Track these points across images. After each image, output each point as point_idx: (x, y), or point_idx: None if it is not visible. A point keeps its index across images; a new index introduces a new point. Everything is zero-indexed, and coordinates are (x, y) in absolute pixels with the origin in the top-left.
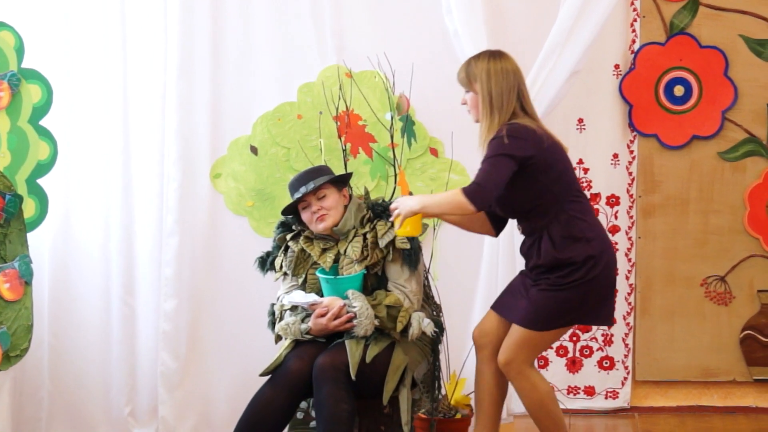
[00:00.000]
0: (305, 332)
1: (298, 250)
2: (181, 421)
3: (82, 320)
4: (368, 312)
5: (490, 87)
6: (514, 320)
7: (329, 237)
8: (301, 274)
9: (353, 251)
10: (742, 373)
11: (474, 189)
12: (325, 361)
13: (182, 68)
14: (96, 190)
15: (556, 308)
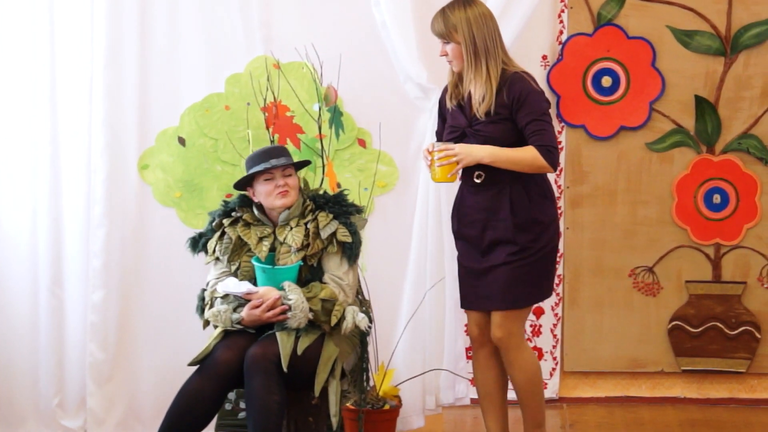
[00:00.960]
0: (236, 322)
1: (235, 236)
2: (109, 413)
3: (10, 311)
4: (303, 305)
5: (473, 34)
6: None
7: (267, 224)
8: (236, 262)
9: (294, 239)
10: (670, 364)
11: (552, 152)
12: (257, 352)
13: (109, 57)
14: (23, 181)
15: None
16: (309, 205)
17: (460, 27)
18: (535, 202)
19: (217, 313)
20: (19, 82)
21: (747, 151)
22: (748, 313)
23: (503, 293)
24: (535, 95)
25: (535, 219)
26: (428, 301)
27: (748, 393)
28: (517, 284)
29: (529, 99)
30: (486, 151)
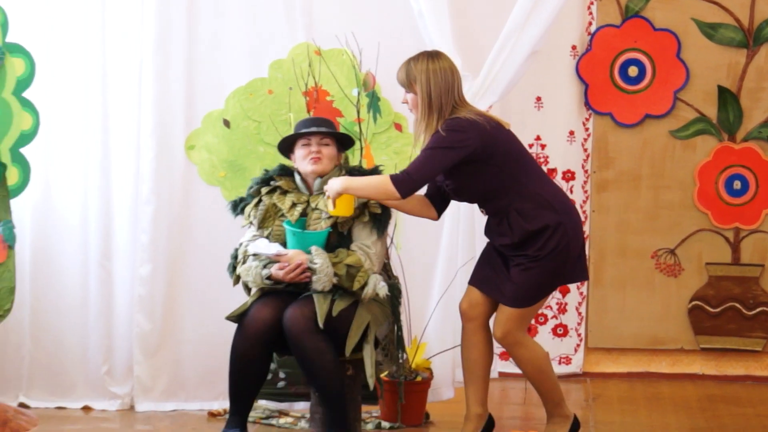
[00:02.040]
0: (266, 277)
1: (269, 203)
2: (155, 381)
3: (62, 283)
4: (328, 270)
5: (429, 88)
6: (503, 302)
7: (304, 192)
8: (268, 228)
9: (326, 205)
10: (690, 342)
11: (404, 178)
12: (294, 313)
13: (158, 43)
14: (76, 159)
15: (540, 282)
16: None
17: (419, 79)
18: (531, 218)
19: (249, 268)
20: (73, 68)
21: (765, 139)
22: (765, 295)
23: (514, 292)
24: (435, 135)
25: (535, 231)
26: (459, 279)
27: (764, 371)
28: (525, 287)
29: (432, 138)
30: (339, 182)
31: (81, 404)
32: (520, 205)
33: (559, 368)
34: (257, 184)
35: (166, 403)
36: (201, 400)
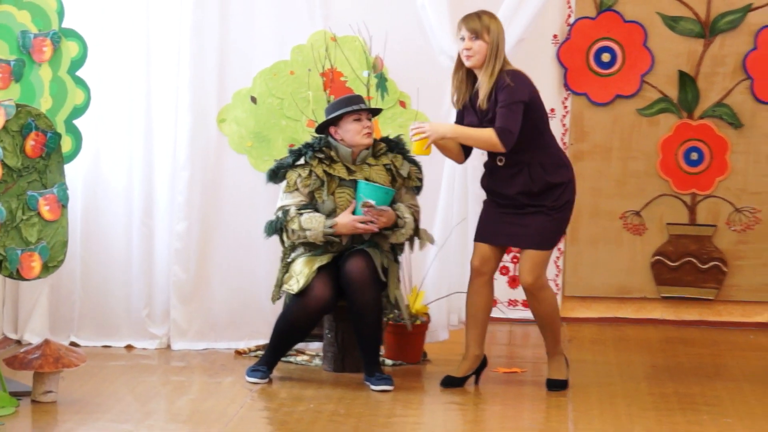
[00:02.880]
0: (329, 227)
1: (323, 173)
2: (189, 324)
3: (109, 238)
4: (411, 223)
5: (497, 39)
6: (529, 247)
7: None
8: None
9: (378, 176)
10: (652, 291)
11: (506, 133)
12: (359, 265)
13: (194, 30)
14: (122, 131)
15: (558, 227)
16: (381, 146)
17: (491, 30)
18: (550, 172)
19: (311, 218)
20: (120, 51)
21: (720, 117)
22: (718, 251)
23: (537, 236)
24: (510, 89)
25: (553, 184)
26: (454, 235)
27: (715, 316)
28: (547, 232)
29: (505, 90)
30: (449, 128)
31: (124, 343)
32: (542, 159)
33: None
34: (308, 153)
35: (198, 342)
36: (228, 340)
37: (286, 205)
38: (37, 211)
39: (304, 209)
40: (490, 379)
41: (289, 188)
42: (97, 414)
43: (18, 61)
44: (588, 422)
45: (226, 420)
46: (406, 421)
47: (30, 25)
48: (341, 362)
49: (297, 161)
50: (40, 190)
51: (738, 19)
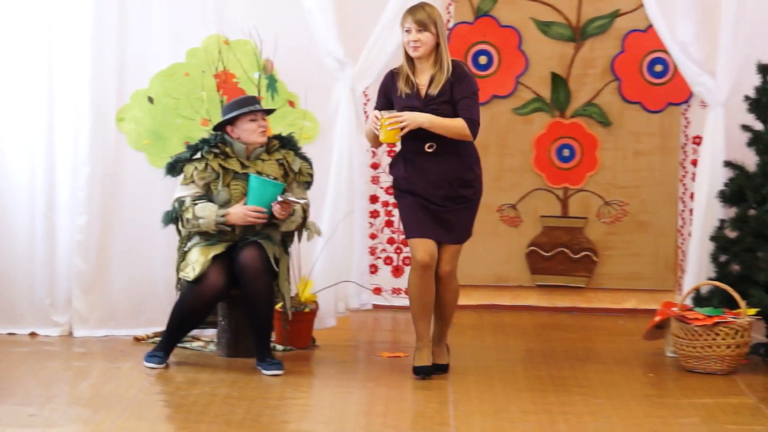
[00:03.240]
0: (221, 216)
1: (218, 167)
2: (90, 312)
3: (13, 231)
4: (300, 212)
5: (443, 30)
6: (453, 242)
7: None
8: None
9: (271, 168)
10: (527, 280)
11: (474, 123)
12: (253, 255)
13: (94, 32)
14: (24, 129)
15: (472, 220)
16: (274, 143)
17: (437, 22)
18: (468, 166)
19: (204, 207)
20: (23, 51)
21: (590, 116)
22: (588, 242)
23: (460, 231)
24: (469, 79)
25: (471, 179)
26: (341, 229)
27: (586, 303)
28: (467, 225)
29: (465, 80)
30: (426, 118)
31: (28, 331)
32: (466, 151)
33: None
34: (204, 148)
35: (98, 330)
36: (127, 327)
37: (182, 196)
38: None
39: (198, 200)
40: (375, 363)
41: (186, 180)
42: (2, 398)
43: None
44: (467, 403)
45: (126, 403)
46: (295, 403)
47: None
48: (234, 348)
49: (194, 156)
50: None
51: (606, 24)
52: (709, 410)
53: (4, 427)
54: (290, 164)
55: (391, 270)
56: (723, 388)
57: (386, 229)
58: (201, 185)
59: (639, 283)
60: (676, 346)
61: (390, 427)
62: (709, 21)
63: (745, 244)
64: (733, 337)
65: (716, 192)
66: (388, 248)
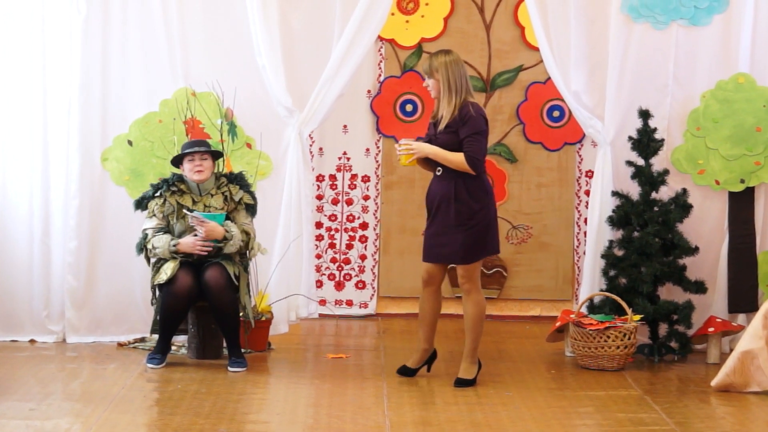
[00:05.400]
0: (173, 245)
1: (174, 203)
2: (80, 322)
3: (14, 253)
4: (239, 235)
5: (448, 75)
6: (457, 263)
7: (196, 193)
8: (175, 221)
9: (216, 202)
10: (448, 291)
11: (474, 159)
12: (215, 273)
13: (82, 86)
14: (24, 167)
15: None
16: (223, 180)
17: (440, 69)
18: (473, 194)
19: (160, 238)
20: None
21: (500, 154)
22: (499, 260)
23: (460, 253)
24: (474, 119)
25: (471, 204)
26: (292, 249)
27: (498, 311)
28: (468, 246)
29: (469, 121)
30: (431, 149)
31: (28, 338)
32: (468, 181)
33: (360, 310)
34: (163, 187)
35: (88, 337)
36: (112, 334)
37: (147, 228)
38: None
39: (158, 232)
40: (321, 363)
41: (149, 214)
42: (6, 395)
43: None
44: (399, 396)
45: (111, 398)
46: (254, 397)
47: None
48: (202, 351)
49: (155, 193)
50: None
51: (512, 77)
52: (602, 401)
53: (8, 419)
54: (232, 195)
55: (334, 285)
56: (613, 382)
57: (329, 250)
58: (161, 218)
59: (542, 294)
60: (574, 347)
61: (335, 417)
62: (597, 73)
63: (630, 260)
64: (622, 339)
65: (606, 217)
66: (331, 266)
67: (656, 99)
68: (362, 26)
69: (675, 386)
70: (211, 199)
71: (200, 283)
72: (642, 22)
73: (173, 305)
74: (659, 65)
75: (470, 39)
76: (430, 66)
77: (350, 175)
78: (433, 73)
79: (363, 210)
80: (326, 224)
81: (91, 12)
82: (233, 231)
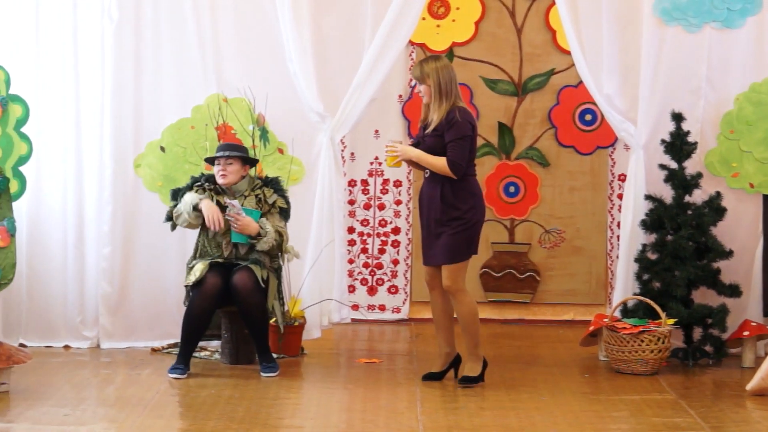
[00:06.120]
0: (196, 203)
1: (212, 197)
2: (114, 327)
3: (49, 260)
4: (273, 233)
5: (439, 80)
6: (439, 263)
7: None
8: None
9: (249, 203)
10: (481, 296)
11: (455, 164)
12: (243, 276)
13: (114, 93)
14: (58, 174)
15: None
16: (258, 183)
17: (431, 75)
18: (459, 196)
19: (185, 202)
20: (56, 110)
21: (531, 158)
22: (532, 264)
23: (444, 253)
24: (459, 124)
25: (458, 206)
26: (324, 254)
27: (531, 316)
28: (452, 247)
29: (454, 126)
30: (414, 152)
31: (62, 344)
32: (455, 183)
33: (393, 315)
34: (202, 181)
35: (121, 342)
36: (146, 340)
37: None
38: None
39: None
40: (354, 368)
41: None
42: (41, 400)
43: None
44: (432, 401)
45: (145, 404)
46: (287, 402)
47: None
48: (236, 356)
49: (194, 184)
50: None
51: (543, 81)
52: (636, 405)
53: (43, 425)
54: (266, 198)
55: (366, 290)
56: (648, 387)
57: (362, 255)
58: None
59: (575, 299)
60: (608, 351)
61: (368, 422)
62: (630, 77)
63: (663, 264)
64: (656, 344)
65: (639, 221)
66: (363, 271)
67: (689, 102)
68: (393, 31)
69: (710, 390)
70: (244, 201)
71: (227, 284)
72: (674, 25)
73: (199, 305)
74: (692, 68)
75: (501, 43)
76: (422, 72)
77: (382, 180)
78: (425, 78)
79: (395, 214)
80: (358, 229)
81: (123, 19)
82: (267, 228)
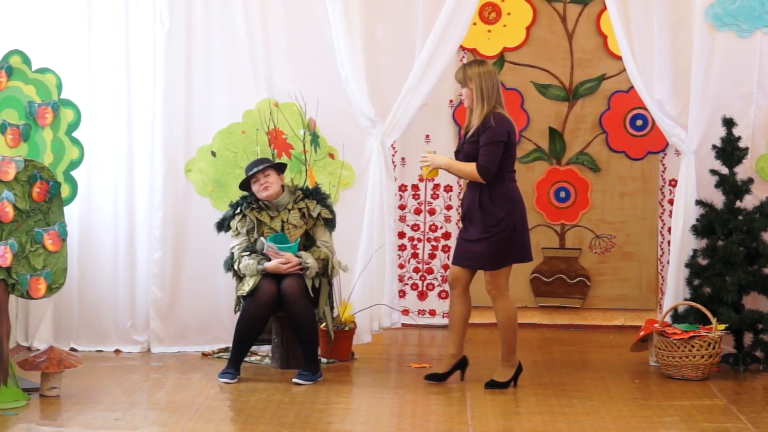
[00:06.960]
0: (261, 271)
1: (253, 218)
2: (164, 332)
3: (100, 264)
4: (315, 265)
5: (480, 85)
6: (479, 268)
7: (273, 209)
8: (253, 235)
9: (294, 218)
10: (531, 301)
11: (484, 169)
12: (291, 283)
13: (165, 98)
14: (109, 179)
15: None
16: (299, 194)
17: (474, 79)
18: (496, 202)
19: (247, 264)
20: (108, 116)
21: (582, 163)
22: (582, 269)
23: (486, 260)
24: (492, 129)
25: (495, 212)
26: (374, 259)
27: (581, 321)
28: (491, 254)
29: (488, 131)
30: (442, 160)
31: (113, 348)
32: (493, 189)
33: (443, 320)
34: (243, 204)
35: (172, 347)
36: (196, 344)
37: (233, 246)
38: (42, 244)
39: (244, 252)
40: (404, 373)
41: (234, 233)
42: (92, 405)
43: (25, 126)
44: (482, 406)
45: (195, 408)
46: (338, 407)
47: (35, 97)
48: (286, 360)
49: (236, 211)
50: (44, 227)
51: (594, 86)
52: (687, 411)
53: (93, 429)
54: (310, 211)
55: (417, 294)
56: (698, 392)
57: (412, 260)
58: (245, 233)
59: (626, 304)
60: (658, 356)
61: (418, 427)
62: (681, 82)
63: (714, 270)
64: (706, 349)
65: (690, 226)
66: (414, 276)
67: (740, 107)
68: (444, 36)
69: (761, 396)
70: (288, 215)
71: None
72: (726, 30)
73: (253, 312)
74: (743, 73)
75: (552, 48)
76: (465, 75)
77: (433, 185)
78: (467, 82)
79: (445, 220)
80: (409, 234)
81: (174, 25)
82: (309, 262)
